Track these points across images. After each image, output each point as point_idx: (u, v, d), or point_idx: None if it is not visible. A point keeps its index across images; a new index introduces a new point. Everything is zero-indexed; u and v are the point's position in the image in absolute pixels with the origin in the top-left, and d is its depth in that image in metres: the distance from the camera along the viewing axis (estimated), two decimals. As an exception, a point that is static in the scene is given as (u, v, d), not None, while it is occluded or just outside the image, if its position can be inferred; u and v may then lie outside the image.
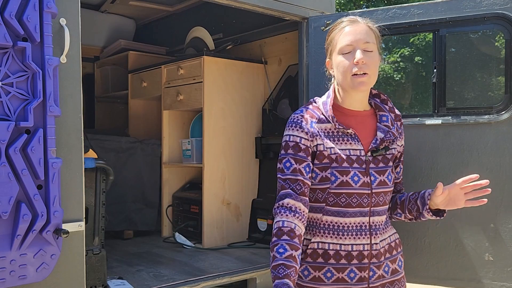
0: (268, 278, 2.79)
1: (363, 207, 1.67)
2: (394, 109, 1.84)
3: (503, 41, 2.22)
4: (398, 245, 1.84)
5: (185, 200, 3.62)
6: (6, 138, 1.56)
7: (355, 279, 1.68)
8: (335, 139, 1.69)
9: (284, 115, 3.35)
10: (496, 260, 2.22)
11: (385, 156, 1.74)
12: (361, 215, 1.68)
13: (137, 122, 4.18)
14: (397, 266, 1.80)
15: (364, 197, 1.67)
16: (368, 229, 1.69)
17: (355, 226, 1.68)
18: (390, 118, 1.78)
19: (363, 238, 1.68)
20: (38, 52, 1.66)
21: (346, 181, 1.65)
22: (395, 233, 1.85)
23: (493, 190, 2.22)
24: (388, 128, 1.76)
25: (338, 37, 1.71)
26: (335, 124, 1.68)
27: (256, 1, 2.56)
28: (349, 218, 1.67)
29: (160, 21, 4.54)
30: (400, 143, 1.83)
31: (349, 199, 1.66)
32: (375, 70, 1.70)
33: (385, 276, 1.74)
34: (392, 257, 1.78)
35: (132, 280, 2.51)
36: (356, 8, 12.91)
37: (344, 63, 1.67)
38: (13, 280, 1.64)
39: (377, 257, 1.71)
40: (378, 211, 1.71)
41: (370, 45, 1.67)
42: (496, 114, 2.22)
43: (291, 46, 3.31)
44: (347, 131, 1.69)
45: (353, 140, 1.69)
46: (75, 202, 1.86)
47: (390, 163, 1.75)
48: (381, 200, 1.71)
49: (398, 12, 2.42)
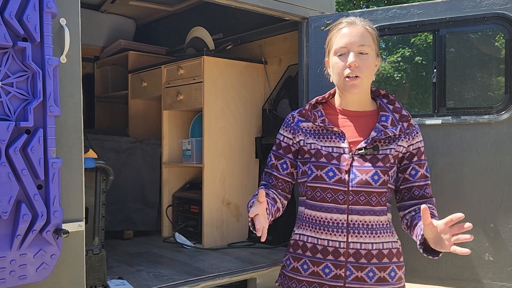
0: (268, 278, 2.80)
1: (339, 204, 1.70)
2: (401, 109, 1.80)
3: (503, 41, 2.22)
4: (394, 254, 1.75)
5: (185, 200, 3.62)
6: (6, 138, 1.56)
7: (330, 275, 1.71)
8: (320, 136, 1.77)
9: (284, 115, 3.34)
10: (496, 260, 2.22)
11: (376, 156, 1.71)
12: (338, 211, 1.70)
13: (137, 122, 4.18)
14: (386, 276, 1.72)
15: (340, 194, 1.70)
16: (346, 226, 1.70)
17: (331, 222, 1.71)
18: (391, 118, 1.77)
19: (339, 235, 1.70)
20: (38, 52, 1.66)
21: (320, 175, 1.72)
22: (394, 242, 1.77)
23: (493, 190, 2.23)
24: (385, 128, 1.74)
25: (335, 38, 1.75)
26: (314, 122, 1.78)
27: (256, 1, 2.56)
28: (325, 213, 1.72)
29: (160, 21, 4.54)
30: (405, 144, 1.77)
31: (324, 193, 1.72)
32: (368, 73, 1.72)
33: (367, 281, 1.70)
34: (380, 264, 1.71)
35: (132, 280, 2.51)
36: (355, 8, 12.91)
37: (339, 64, 1.72)
38: (13, 280, 1.64)
39: (355, 257, 1.69)
40: (358, 210, 1.70)
41: (365, 48, 1.70)
42: (496, 114, 2.22)
43: (291, 46, 3.31)
44: (333, 129, 1.74)
45: (340, 138, 1.73)
46: (75, 202, 1.86)
47: (380, 163, 1.71)
48: (361, 200, 1.69)
49: (398, 12, 2.42)
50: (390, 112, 1.78)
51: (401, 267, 1.79)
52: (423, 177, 1.80)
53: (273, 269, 2.81)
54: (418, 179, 1.79)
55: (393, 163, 1.76)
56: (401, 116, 1.79)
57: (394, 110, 1.79)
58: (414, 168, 1.79)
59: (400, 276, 1.77)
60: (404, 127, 1.76)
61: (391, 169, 1.75)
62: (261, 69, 3.60)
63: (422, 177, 1.80)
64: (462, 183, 2.29)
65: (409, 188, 1.80)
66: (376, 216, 1.72)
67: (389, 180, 1.74)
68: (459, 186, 2.29)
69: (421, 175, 1.80)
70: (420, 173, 1.79)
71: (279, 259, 2.95)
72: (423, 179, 1.80)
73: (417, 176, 1.79)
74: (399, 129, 1.74)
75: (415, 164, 1.79)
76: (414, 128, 1.80)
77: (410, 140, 1.78)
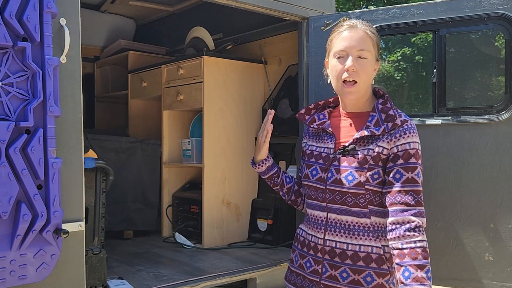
0: (268, 278, 2.80)
1: (320, 201, 1.77)
2: (390, 109, 1.71)
3: (503, 41, 2.22)
4: (373, 260, 1.66)
5: (185, 200, 3.62)
6: (6, 138, 1.56)
7: (310, 270, 1.78)
8: (316, 137, 1.86)
9: (284, 115, 3.36)
10: (496, 260, 2.22)
11: (354, 156, 1.69)
12: (319, 209, 1.77)
13: (137, 122, 4.18)
14: (361, 279, 1.66)
15: (320, 192, 1.76)
16: (324, 224, 1.75)
17: (314, 218, 1.79)
18: (376, 118, 1.71)
19: (318, 231, 1.77)
20: (38, 52, 1.66)
21: (307, 173, 1.81)
22: (376, 247, 1.67)
23: (493, 190, 2.23)
24: (367, 128, 1.70)
25: (335, 40, 1.76)
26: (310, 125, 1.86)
27: (256, 1, 2.56)
28: (311, 210, 1.81)
29: (160, 21, 4.55)
30: (386, 145, 1.66)
31: (309, 191, 1.81)
32: (365, 77, 1.71)
33: (340, 281, 1.69)
34: (354, 266, 1.67)
35: (132, 280, 2.51)
36: (355, 7, 12.91)
37: (337, 67, 1.72)
38: (13, 280, 1.64)
39: (330, 255, 1.73)
40: (335, 209, 1.72)
41: (364, 53, 1.70)
42: (496, 114, 2.22)
43: (291, 46, 3.31)
44: (327, 131, 1.81)
45: (330, 139, 1.79)
46: (75, 202, 1.86)
47: (356, 164, 1.66)
48: (337, 199, 1.71)
49: (398, 12, 2.42)
50: (378, 112, 1.73)
51: (381, 274, 1.67)
52: (409, 181, 1.61)
53: (273, 269, 2.81)
54: (403, 183, 1.61)
55: (373, 165, 1.66)
56: (387, 116, 1.70)
57: (382, 110, 1.73)
58: (399, 171, 1.63)
59: (380, 284, 1.67)
60: (388, 127, 1.67)
61: (370, 171, 1.66)
62: (261, 69, 3.60)
63: (408, 182, 1.61)
64: (462, 183, 2.29)
65: (392, 193, 1.62)
66: (355, 217, 1.69)
67: (369, 182, 1.65)
68: (459, 186, 2.29)
69: (407, 179, 1.62)
70: (406, 177, 1.62)
71: (279, 259, 2.95)
72: (409, 184, 1.61)
73: (402, 180, 1.62)
74: (382, 130, 1.67)
75: (400, 167, 1.63)
76: (402, 128, 1.66)
77: (394, 141, 1.65)
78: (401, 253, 1.55)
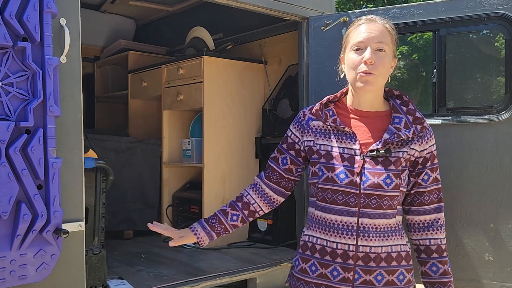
0: (268, 278, 2.80)
1: (350, 207, 1.66)
2: (415, 111, 1.75)
3: (503, 41, 2.22)
4: (402, 258, 1.72)
5: (185, 200, 3.62)
6: (6, 138, 1.56)
7: (338, 278, 1.68)
8: (331, 136, 1.73)
9: (284, 115, 3.36)
10: (496, 260, 2.22)
11: (388, 158, 1.67)
12: (348, 214, 1.66)
13: (137, 122, 4.18)
14: (395, 279, 1.69)
15: (351, 196, 1.66)
16: (356, 230, 1.66)
17: (341, 225, 1.68)
18: (404, 121, 1.72)
19: (348, 238, 1.66)
20: (38, 52, 1.66)
21: (331, 177, 1.68)
22: (402, 245, 1.73)
23: (493, 190, 2.23)
24: (398, 130, 1.70)
25: (353, 33, 1.71)
26: (324, 122, 1.74)
27: (256, 1, 2.56)
28: (335, 216, 1.68)
29: (160, 21, 4.54)
30: (417, 147, 1.72)
31: (335, 195, 1.67)
32: (383, 71, 1.67)
33: (376, 284, 1.68)
34: (389, 267, 1.68)
35: (132, 280, 2.51)
36: (355, 7, 12.91)
37: (354, 59, 1.68)
38: (13, 280, 1.64)
39: (364, 261, 1.66)
40: (369, 214, 1.65)
41: (383, 45, 1.66)
42: (496, 114, 2.22)
43: (291, 46, 3.31)
44: (345, 130, 1.70)
45: (351, 140, 1.69)
46: (75, 202, 1.86)
47: (393, 167, 1.67)
48: (373, 203, 1.65)
49: (398, 12, 2.42)
50: (404, 114, 1.73)
51: (409, 270, 1.74)
52: (434, 181, 1.77)
53: (273, 269, 2.81)
54: (430, 184, 1.77)
55: (405, 166, 1.71)
56: (414, 118, 1.73)
57: (407, 112, 1.74)
58: (427, 173, 1.76)
59: (409, 280, 1.73)
60: (417, 130, 1.71)
61: (403, 172, 1.71)
62: (261, 69, 3.60)
63: (434, 181, 1.77)
64: (462, 183, 2.29)
65: (420, 193, 1.76)
66: (386, 219, 1.69)
67: (402, 183, 1.70)
68: (459, 186, 2.29)
69: (433, 179, 1.77)
70: (432, 178, 1.77)
71: (279, 259, 2.95)
72: (435, 183, 1.78)
73: (429, 181, 1.76)
74: (412, 132, 1.70)
75: (428, 169, 1.76)
76: (428, 131, 1.75)
77: (423, 144, 1.73)
78: (428, 249, 1.76)
